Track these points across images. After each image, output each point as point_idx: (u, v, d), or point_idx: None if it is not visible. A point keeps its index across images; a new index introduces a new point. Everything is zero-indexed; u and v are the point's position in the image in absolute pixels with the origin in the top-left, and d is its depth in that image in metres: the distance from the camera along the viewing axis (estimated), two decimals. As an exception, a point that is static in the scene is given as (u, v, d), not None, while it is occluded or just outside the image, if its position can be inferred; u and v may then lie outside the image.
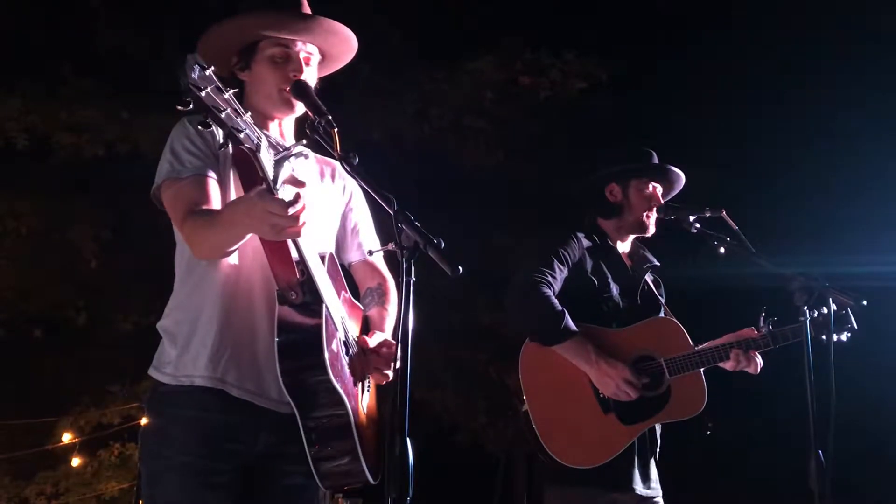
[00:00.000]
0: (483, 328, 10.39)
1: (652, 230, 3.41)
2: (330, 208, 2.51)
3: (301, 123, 2.32)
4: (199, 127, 1.71)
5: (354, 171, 2.11)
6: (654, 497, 3.17)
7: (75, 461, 11.73)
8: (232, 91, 1.73)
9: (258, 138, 1.81)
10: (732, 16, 9.85)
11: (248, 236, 2.09)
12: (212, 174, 2.20)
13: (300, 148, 1.98)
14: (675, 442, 3.35)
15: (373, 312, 2.53)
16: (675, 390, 3.16)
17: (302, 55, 2.34)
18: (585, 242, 3.30)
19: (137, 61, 8.32)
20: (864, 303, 3.04)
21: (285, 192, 1.89)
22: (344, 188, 2.57)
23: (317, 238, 2.28)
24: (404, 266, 1.91)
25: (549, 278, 3.09)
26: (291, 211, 1.84)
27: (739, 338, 3.26)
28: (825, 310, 3.08)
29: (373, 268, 2.62)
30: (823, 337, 3.02)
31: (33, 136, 8.29)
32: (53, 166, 8.60)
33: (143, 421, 2.32)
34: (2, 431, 11.37)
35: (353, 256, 2.60)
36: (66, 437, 11.54)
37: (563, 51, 9.11)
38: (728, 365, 3.24)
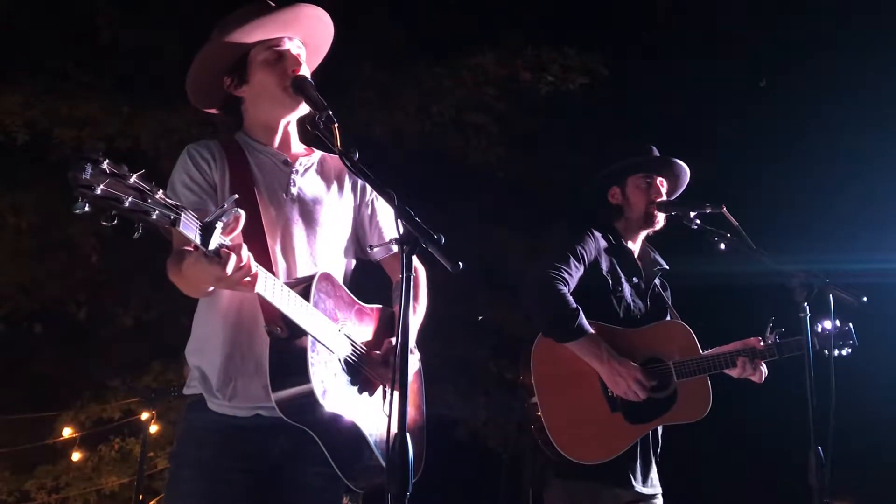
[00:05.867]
0: (483, 324, 10.38)
1: (660, 223, 3.41)
2: (335, 220, 2.45)
3: (303, 123, 2.32)
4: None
5: (354, 167, 2.11)
6: (654, 495, 3.20)
7: (75, 455, 11.73)
8: (138, 174, 1.68)
9: (177, 211, 1.75)
10: (731, 12, 9.82)
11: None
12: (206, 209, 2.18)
13: (234, 207, 1.89)
14: (675, 441, 3.36)
15: (398, 308, 2.52)
16: (682, 393, 3.18)
17: (293, 51, 2.34)
18: (602, 241, 3.31)
19: (138, 56, 8.30)
20: (865, 299, 3.04)
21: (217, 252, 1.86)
22: (355, 184, 2.53)
23: (308, 261, 2.29)
24: (404, 262, 1.91)
25: (565, 275, 3.11)
26: (229, 270, 1.85)
27: (746, 346, 3.27)
28: (828, 324, 3.11)
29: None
30: (826, 352, 3.08)
31: (34, 131, 8.28)
32: (54, 161, 8.58)
33: (145, 416, 2.37)
34: (2, 426, 11.38)
35: (378, 253, 2.54)
36: (67, 432, 11.54)
37: (564, 46, 9.10)
38: (734, 372, 3.27)
